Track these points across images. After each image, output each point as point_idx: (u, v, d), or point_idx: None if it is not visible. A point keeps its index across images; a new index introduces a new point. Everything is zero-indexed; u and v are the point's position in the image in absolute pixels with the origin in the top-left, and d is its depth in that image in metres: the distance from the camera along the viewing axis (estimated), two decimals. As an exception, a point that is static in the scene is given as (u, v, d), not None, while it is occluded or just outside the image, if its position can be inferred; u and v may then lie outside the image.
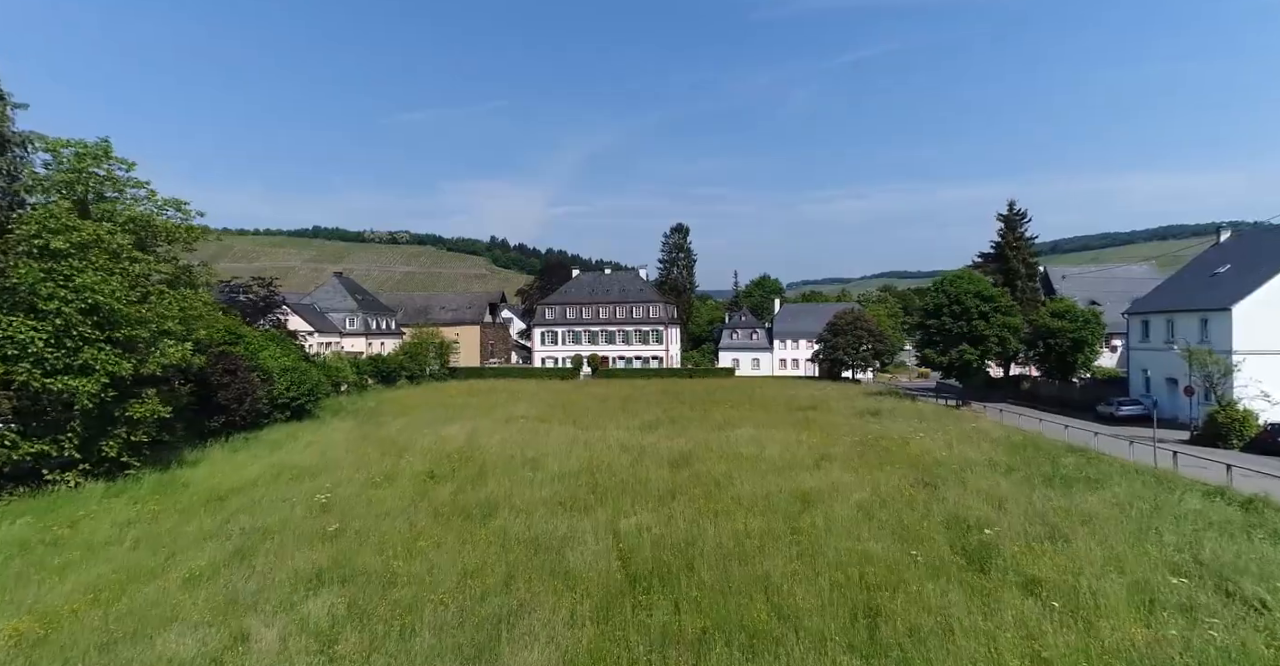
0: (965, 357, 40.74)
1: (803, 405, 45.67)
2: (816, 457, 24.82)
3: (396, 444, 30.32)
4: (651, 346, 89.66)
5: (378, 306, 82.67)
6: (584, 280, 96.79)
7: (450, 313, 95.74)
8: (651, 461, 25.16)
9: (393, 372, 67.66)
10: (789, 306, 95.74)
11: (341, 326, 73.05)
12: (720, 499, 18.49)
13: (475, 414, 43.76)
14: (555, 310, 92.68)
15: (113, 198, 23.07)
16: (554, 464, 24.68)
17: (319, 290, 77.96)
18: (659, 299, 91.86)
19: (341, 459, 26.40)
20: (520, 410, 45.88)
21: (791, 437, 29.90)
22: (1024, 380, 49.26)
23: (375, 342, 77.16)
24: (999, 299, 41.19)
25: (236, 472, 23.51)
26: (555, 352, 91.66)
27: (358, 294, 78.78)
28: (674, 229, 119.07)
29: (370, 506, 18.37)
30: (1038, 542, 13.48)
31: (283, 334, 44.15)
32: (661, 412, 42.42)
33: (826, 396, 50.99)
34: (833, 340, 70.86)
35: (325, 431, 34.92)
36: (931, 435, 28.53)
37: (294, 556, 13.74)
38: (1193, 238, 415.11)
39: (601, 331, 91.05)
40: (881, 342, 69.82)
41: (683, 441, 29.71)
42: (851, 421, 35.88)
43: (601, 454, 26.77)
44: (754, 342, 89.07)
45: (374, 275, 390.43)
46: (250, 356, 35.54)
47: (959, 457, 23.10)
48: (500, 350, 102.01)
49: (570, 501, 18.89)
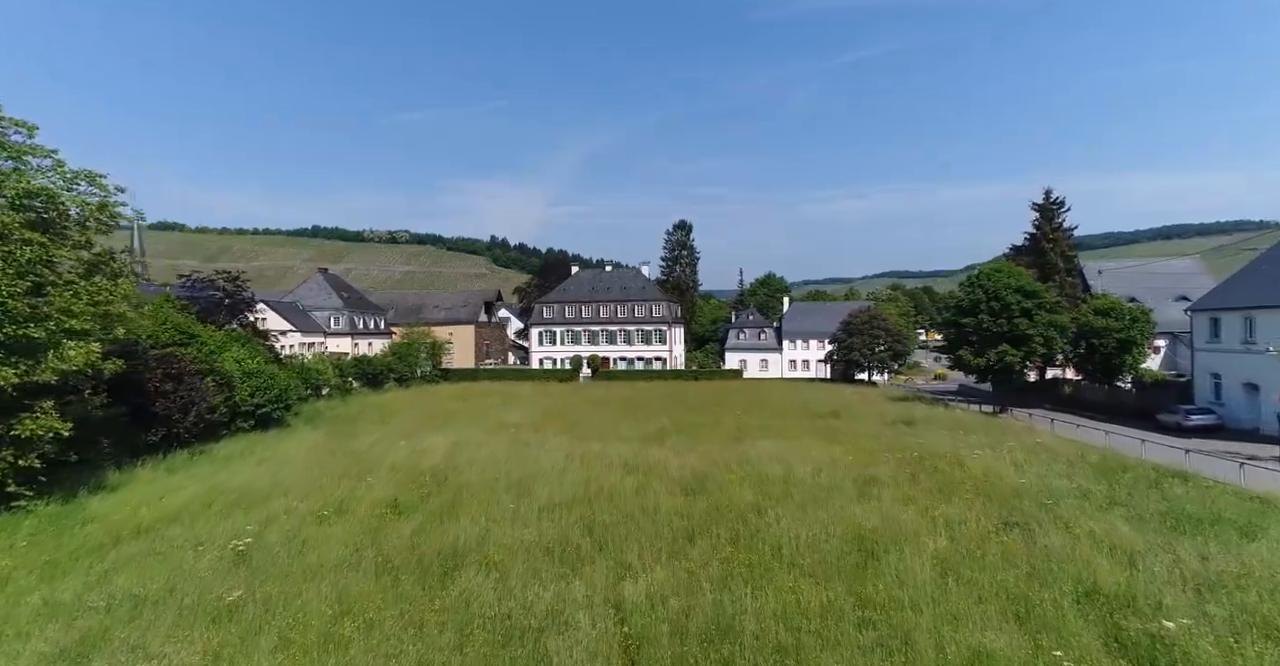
0: (1006, 360, 36.52)
1: (823, 411, 41.50)
2: (859, 481, 20.67)
3: (365, 460, 26.19)
4: (654, 347, 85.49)
5: (366, 305, 78.50)
6: (584, 278, 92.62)
7: (444, 312, 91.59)
8: (660, 484, 21.02)
9: (379, 375, 63.53)
10: (798, 305, 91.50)
11: (326, 325, 68.89)
12: (754, 545, 14.34)
13: (463, 421, 39.64)
14: (554, 309, 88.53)
15: (3, 167, 18.87)
16: (544, 489, 20.54)
17: (302, 287, 73.77)
18: (662, 297, 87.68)
19: (293, 481, 22.25)
20: (513, 416, 41.76)
21: (821, 453, 25.74)
22: (1065, 384, 45.02)
23: (363, 343, 73.01)
24: (1043, 295, 37.02)
25: (159, 501, 19.37)
26: (554, 353, 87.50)
27: (344, 291, 74.60)
28: (676, 226, 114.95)
29: (300, 556, 14.21)
30: (1235, 638, 9.27)
31: (249, 333, 39.95)
32: (667, 420, 38.26)
33: (847, 401, 46.80)
34: (847, 340, 66.65)
35: (288, 444, 30.78)
36: (988, 451, 24.34)
37: (152, 656, 9.56)
38: (1197, 237, 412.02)
39: (602, 331, 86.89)
40: (900, 343, 65.60)
41: (695, 458, 25.56)
42: (884, 432, 31.69)
43: (600, 474, 22.63)
44: (762, 343, 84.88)
45: (373, 275, 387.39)
46: (205, 359, 31.41)
47: (1039, 484, 18.88)
48: (497, 350, 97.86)
49: (560, 547, 14.75)
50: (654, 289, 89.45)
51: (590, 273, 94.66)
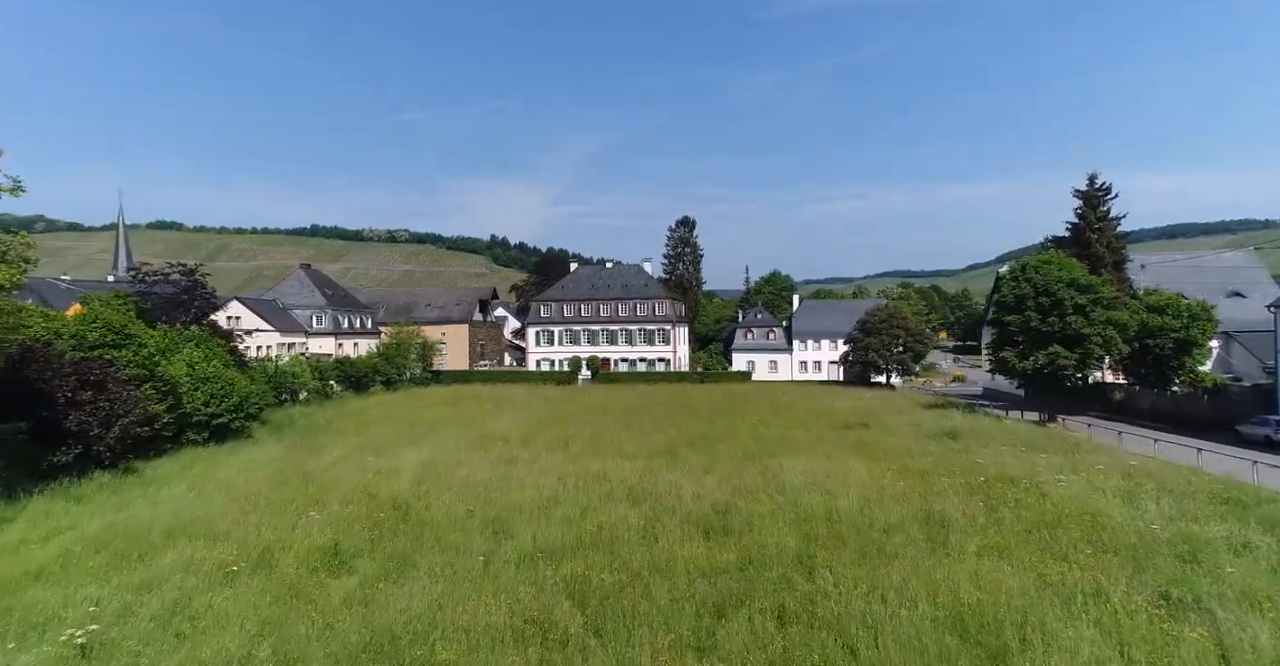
0: (1058, 362, 32.21)
1: (848, 420, 37.22)
2: (923, 518, 16.45)
3: (319, 483, 21.98)
4: (657, 347, 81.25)
5: (352, 303, 74.16)
6: (583, 275, 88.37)
7: (436, 310, 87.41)
8: (674, 522, 16.81)
9: (364, 377, 59.30)
10: (809, 303, 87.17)
11: (308, 325, 64.67)
12: (811, 633, 10.11)
13: (446, 432, 35.44)
14: (552, 307, 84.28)
15: None
16: (527, 528, 16.34)
17: (283, 284, 69.48)
18: (665, 295, 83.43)
19: (219, 514, 18.04)
20: (502, 425, 37.54)
21: (862, 474, 21.53)
22: (1114, 389, 40.67)
23: (348, 343, 68.76)
24: (1100, 289, 32.69)
25: (24, 550, 15.18)
26: (552, 354, 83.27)
27: (327, 289, 70.28)
28: (679, 222, 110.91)
29: (169, 655, 9.96)
30: None
31: (208, 333, 35.71)
32: (675, 432, 34.03)
33: (872, 408, 42.50)
34: (864, 340, 62.35)
35: (237, 462, 26.58)
36: (1065, 474, 20.06)
37: None
38: (1201, 236, 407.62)
39: (603, 331, 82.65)
40: (921, 343, 61.28)
41: (713, 482, 21.34)
42: (928, 447, 27.43)
43: (599, 505, 18.45)
44: (771, 343, 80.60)
45: (372, 274, 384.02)
46: (143, 363, 27.21)
47: (1170, 529, 14.57)
48: (492, 351, 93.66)
49: (539, 632, 10.52)
50: (657, 286, 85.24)
51: (590, 269, 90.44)
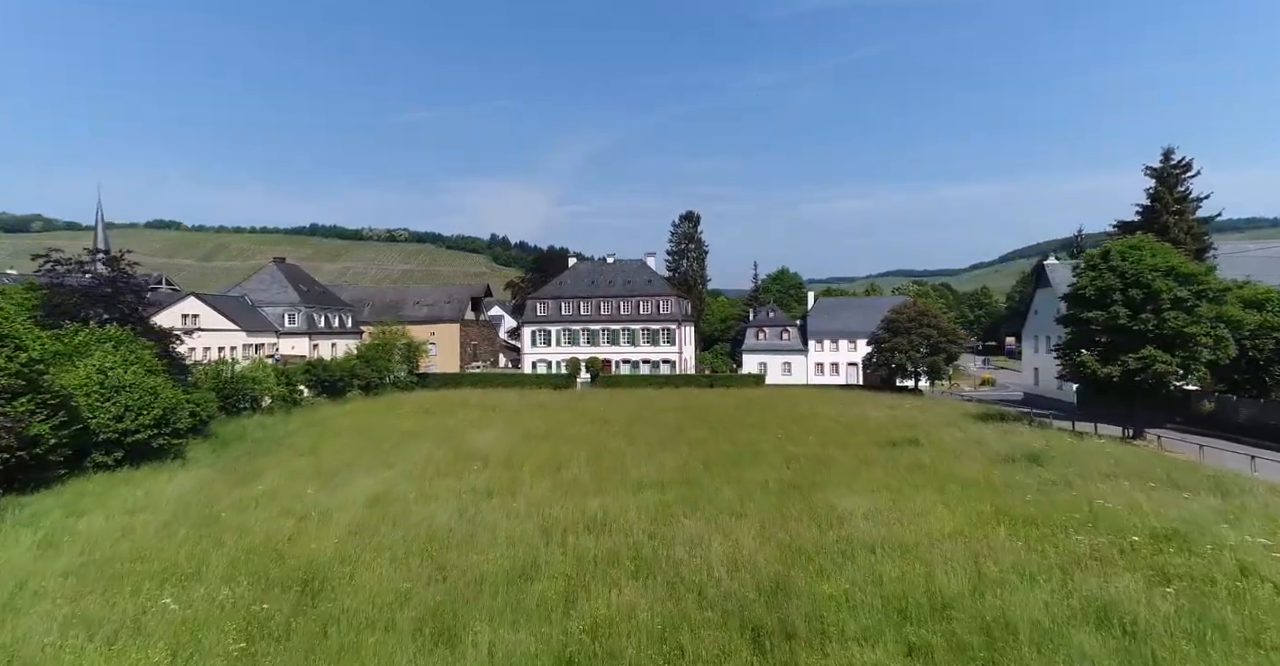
0: (1155, 367, 26.37)
1: (891, 434, 31.49)
2: (1083, 612, 10.74)
3: (218, 533, 16.36)
4: (662, 348, 75.54)
5: (330, 300, 68.36)
6: (582, 271, 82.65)
7: (425, 308, 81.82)
8: (704, 615, 11.13)
9: (339, 381, 53.63)
10: (824, 301, 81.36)
11: (279, 324, 59.00)
12: None
13: (418, 448, 29.85)
14: (548, 305, 78.58)
15: None
16: (483, 630, 10.65)
17: (252, 279, 63.70)
18: (670, 292, 77.71)
19: (38, 592, 12.38)
20: (485, 441, 31.93)
21: (946, 520, 15.87)
22: (1201, 398, 34.81)
23: (325, 343, 63.09)
24: (1204, 279, 26.81)
25: None
26: (548, 355, 77.59)
27: (302, 284, 64.51)
28: (683, 216, 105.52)
29: None
30: None
31: (130, 333, 30.00)
32: (690, 450, 28.38)
33: (913, 419, 36.72)
34: (891, 341, 56.58)
35: (132, 497, 20.92)
36: (1256, 535, 14.30)
37: None
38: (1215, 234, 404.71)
39: (603, 330, 76.94)
40: (955, 344, 55.49)
41: (750, 532, 15.65)
42: (1011, 476, 21.67)
43: (594, 582, 12.76)
44: (784, 344, 74.86)
45: (371, 273, 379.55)
46: (21, 371, 21.57)
47: None
48: (485, 351, 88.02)
49: None
50: (661, 283, 79.53)
51: (589, 265, 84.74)
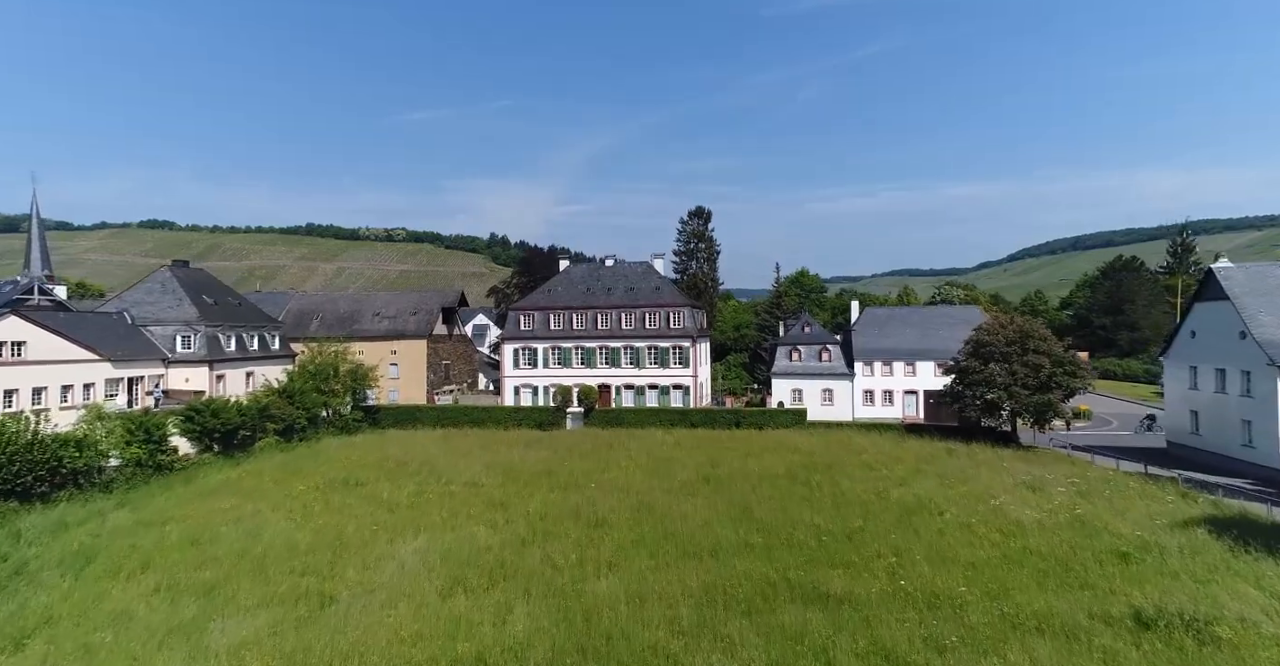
0: None
1: (1115, 579, 17.09)
2: None
3: None
4: (673, 370, 61.14)
5: (249, 316, 53.47)
6: (575, 275, 68.22)
7: (386, 321, 67.55)
8: None
9: (240, 429, 39.38)
10: (874, 312, 66.46)
11: (169, 349, 44.70)
12: None
13: (263, 586, 15.78)
14: (534, 318, 64.25)
15: None
16: None
17: (136, 289, 48.98)
18: (683, 301, 63.23)
19: None
20: (412, 550, 17.95)
21: None
22: None
23: (235, 373, 48.64)
24: None
25: None
26: (534, 379, 63.28)
27: (207, 295, 49.89)
28: (692, 213, 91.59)
29: None
30: None
31: None
32: (751, 625, 14.07)
33: (1116, 528, 22.22)
34: (983, 370, 41.97)
35: None
36: None
37: None
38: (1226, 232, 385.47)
39: (600, 349, 62.60)
40: (1076, 377, 40.79)
41: None
42: None
43: None
44: (825, 366, 60.30)
45: (367, 274, 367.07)
46: None
47: None
48: (461, 372, 73.75)
49: None
50: (671, 290, 65.07)
51: (585, 268, 70.23)
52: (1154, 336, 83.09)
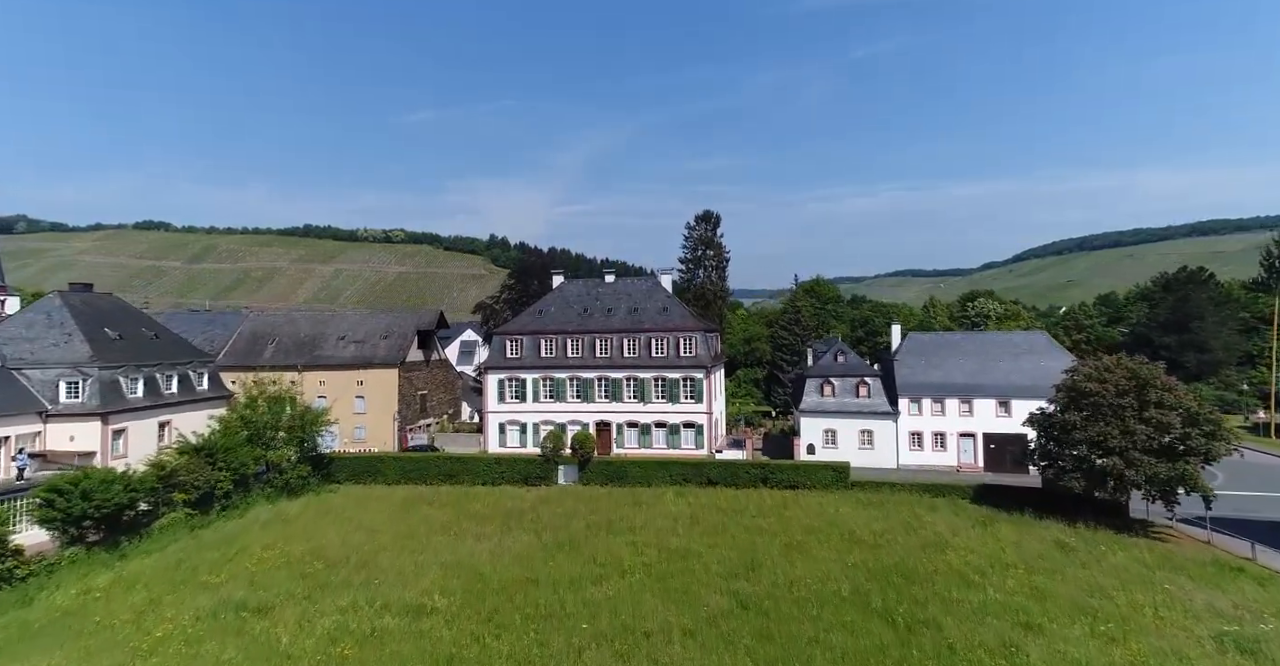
0: None
1: None
2: None
3: None
4: (684, 406, 51.75)
5: (168, 351, 43.12)
6: (570, 293, 58.84)
7: (353, 346, 58.24)
8: None
9: (126, 509, 30.04)
10: (918, 338, 56.64)
11: (51, 397, 35.21)
12: None
13: None
14: (522, 344, 54.91)
15: None
16: None
17: (11, 321, 39.10)
18: (696, 325, 53.80)
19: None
20: None
21: None
22: None
23: (142, 426, 38.92)
24: None
25: None
26: (521, 415, 53.96)
27: (111, 326, 40.09)
28: (699, 218, 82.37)
29: None
30: None
31: None
32: None
33: None
34: (1090, 429, 32.47)
35: None
36: None
37: None
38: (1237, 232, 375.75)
39: (599, 380, 53.25)
40: (1218, 438, 31.26)
41: None
42: None
43: None
44: (864, 404, 50.78)
45: (365, 276, 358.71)
46: None
47: None
48: (441, 402, 64.44)
49: None
50: (681, 311, 55.65)
51: (581, 285, 60.78)
52: (1225, 358, 73.52)
